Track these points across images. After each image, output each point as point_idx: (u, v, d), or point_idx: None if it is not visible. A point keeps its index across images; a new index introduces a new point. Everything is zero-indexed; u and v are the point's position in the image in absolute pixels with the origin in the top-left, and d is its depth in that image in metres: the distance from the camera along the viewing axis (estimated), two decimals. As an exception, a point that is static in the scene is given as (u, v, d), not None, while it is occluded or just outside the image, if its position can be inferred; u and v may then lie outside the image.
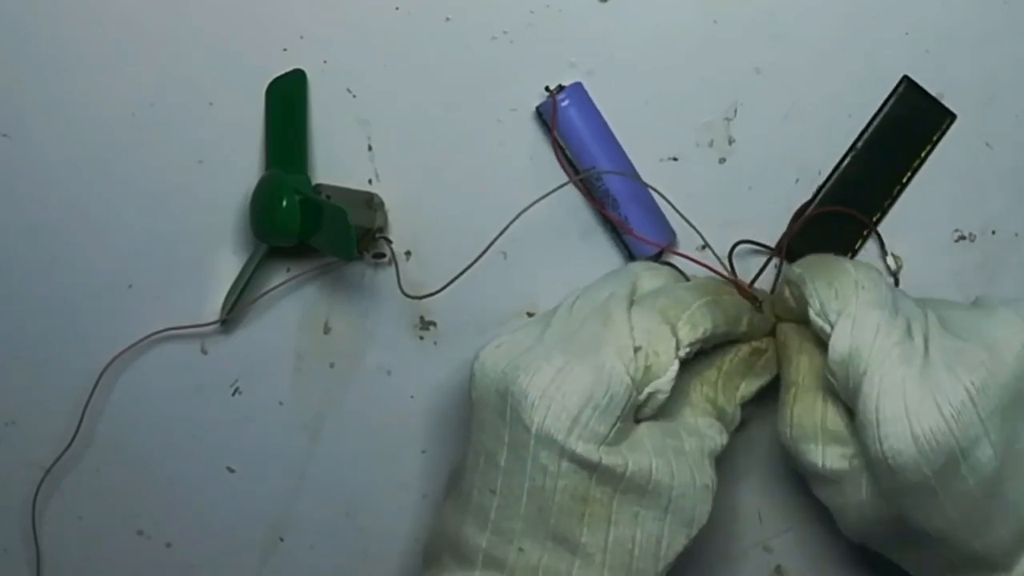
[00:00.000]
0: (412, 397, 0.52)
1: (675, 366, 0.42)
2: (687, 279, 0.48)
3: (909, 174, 0.50)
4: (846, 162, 0.50)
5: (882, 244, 0.50)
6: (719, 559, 0.50)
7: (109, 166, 0.53)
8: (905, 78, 0.50)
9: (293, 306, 0.52)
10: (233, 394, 0.52)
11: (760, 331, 0.47)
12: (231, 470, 0.52)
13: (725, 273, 0.48)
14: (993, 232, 0.50)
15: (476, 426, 0.43)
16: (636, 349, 0.42)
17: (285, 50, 0.52)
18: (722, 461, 0.49)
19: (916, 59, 0.50)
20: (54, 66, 0.53)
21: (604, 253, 0.51)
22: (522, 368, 0.41)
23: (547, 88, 0.50)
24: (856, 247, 0.50)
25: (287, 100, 0.51)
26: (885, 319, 0.42)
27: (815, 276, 0.44)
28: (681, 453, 0.43)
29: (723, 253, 0.50)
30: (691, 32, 0.51)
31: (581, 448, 0.40)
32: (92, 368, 0.52)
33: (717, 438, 0.45)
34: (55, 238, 0.53)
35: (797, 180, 0.51)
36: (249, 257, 0.51)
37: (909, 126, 0.50)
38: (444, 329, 0.51)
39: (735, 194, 0.51)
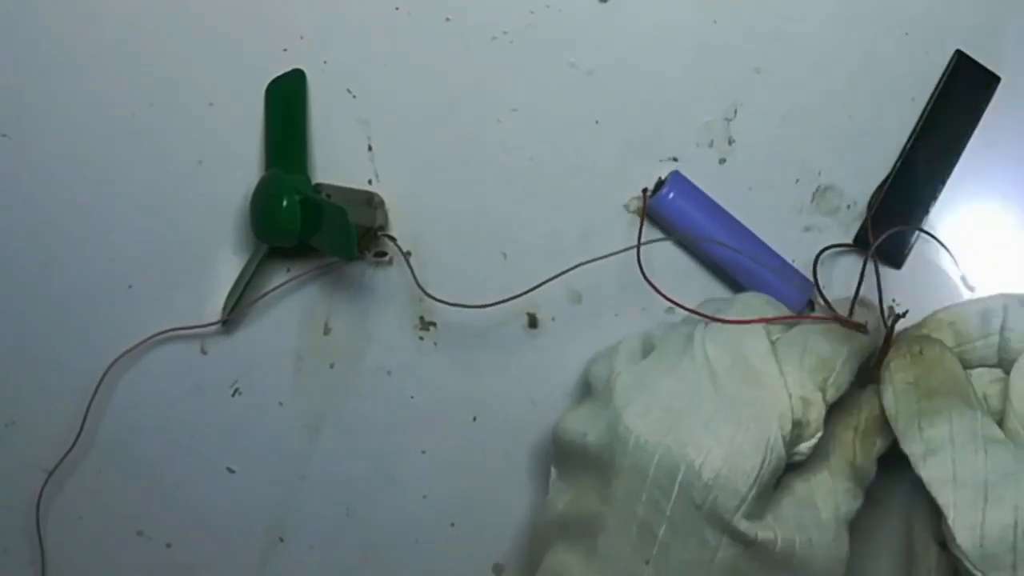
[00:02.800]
0: (412, 397, 0.52)
1: (821, 432, 0.42)
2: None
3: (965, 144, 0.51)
4: (909, 145, 0.50)
5: (940, 242, 0.50)
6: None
7: (109, 166, 0.53)
8: (957, 51, 0.50)
9: (293, 306, 0.52)
10: (233, 394, 0.52)
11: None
12: (231, 470, 0.52)
13: (839, 314, 0.46)
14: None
15: (625, 494, 0.42)
16: (795, 423, 0.42)
17: (285, 50, 0.52)
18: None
19: (915, 59, 0.50)
20: (54, 66, 0.53)
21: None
22: (691, 445, 0.41)
23: (644, 190, 0.50)
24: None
25: (287, 100, 0.51)
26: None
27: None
28: (819, 524, 0.43)
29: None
30: (691, 32, 0.51)
31: (744, 526, 0.40)
32: (94, 369, 0.52)
33: (853, 503, 0.44)
34: (55, 238, 0.53)
35: (797, 180, 0.51)
36: (250, 257, 0.51)
37: (962, 100, 0.50)
38: (444, 329, 0.51)
39: (735, 194, 0.51)
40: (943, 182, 0.50)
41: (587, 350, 0.50)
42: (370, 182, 0.52)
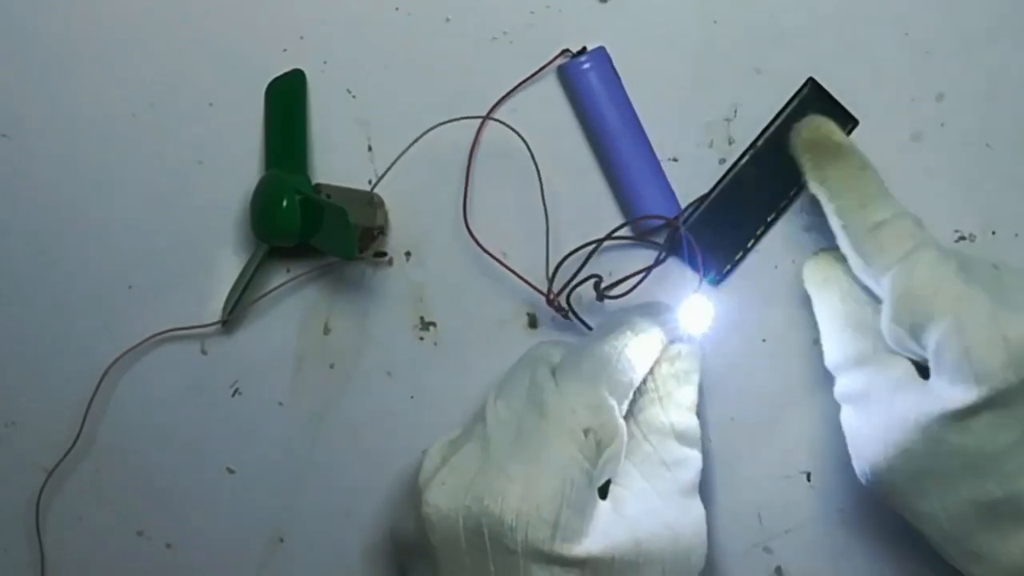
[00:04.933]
0: (412, 397, 0.52)
1: (623, 428, 0.42)
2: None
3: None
4: (745, 159, 0.50)
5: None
6: (719, 559, 0.50)
7: (109, 166, 0.53)
8: (810, 79, 0.50)
9: (293, 307, 0.52)
10: (233, 395, 0.52)
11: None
12: (231, 471, 0.52)
13: None
14: (993, 232, 0.50)
15: (450, 568, 0.41)
16: (586, 431, 0.41)
17: (285, 50, 0.52)
18: (721, 463, 0.49)
19: (916, 60, 0.50)
20: (54, 66, 0.53)
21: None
22: (486, 495, 0.40)
23: (565, 49, 0.50)
24: (758, 234, 0.50)
25: (287, 100, 0.51)
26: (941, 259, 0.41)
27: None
28: (656, 512, 0.42)
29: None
30: (691, 32, 0.51)
31: (567, 550, 0.40)
32: (94, 369, 0.52)
33: (691, 468, 0.44)
34: (56, 239, 0.53)
35: (797, 180, 0.51)
36: (250, 258, 0.51)
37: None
38: (444, 329, 0.51)
39: (735, 194, 0.51)
40: (776, 211, 0.50)
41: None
42: (370, 182, 0.52)
